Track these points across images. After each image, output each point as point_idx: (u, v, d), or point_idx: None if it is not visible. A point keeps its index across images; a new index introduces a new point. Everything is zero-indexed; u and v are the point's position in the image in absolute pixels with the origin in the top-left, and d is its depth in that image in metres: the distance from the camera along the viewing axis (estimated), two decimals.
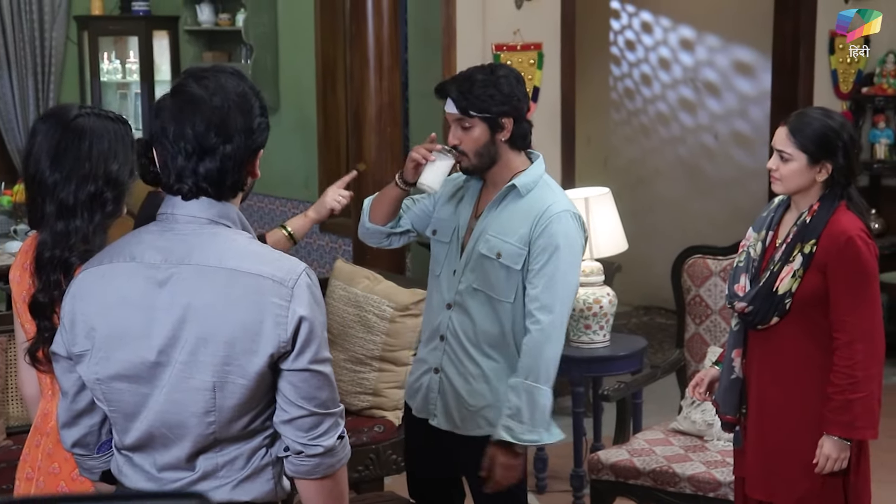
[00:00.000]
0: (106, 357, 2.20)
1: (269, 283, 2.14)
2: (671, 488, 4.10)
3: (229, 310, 2.13)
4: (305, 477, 2.24)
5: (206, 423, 2.18)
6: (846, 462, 3.26)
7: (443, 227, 3.46)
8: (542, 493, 5.23)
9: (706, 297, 4.57)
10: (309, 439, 2.19)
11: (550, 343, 3.26)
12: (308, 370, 2.17)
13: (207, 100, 2.17)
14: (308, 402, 2.18)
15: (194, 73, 2.24)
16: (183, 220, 2.20)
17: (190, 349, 2.15)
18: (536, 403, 3.26)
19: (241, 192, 2.26)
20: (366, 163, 5.48)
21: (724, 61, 8.22)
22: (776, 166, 3.31)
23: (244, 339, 2.13)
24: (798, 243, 3.28)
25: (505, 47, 6.06)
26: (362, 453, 4.42)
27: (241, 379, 2.15)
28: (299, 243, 7.53)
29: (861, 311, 3.24)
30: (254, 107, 2.22)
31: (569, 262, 3.27)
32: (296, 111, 7.58)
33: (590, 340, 4.99)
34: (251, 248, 2.21)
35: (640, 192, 8.67)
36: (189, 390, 2.16)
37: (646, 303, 8.58)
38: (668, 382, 4.83)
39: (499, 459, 3.29)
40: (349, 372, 4.55)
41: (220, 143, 2.17)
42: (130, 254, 2.22)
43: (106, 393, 2.23)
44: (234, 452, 2.22)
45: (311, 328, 2.16)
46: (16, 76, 8.18)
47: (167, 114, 2.20)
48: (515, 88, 3.28)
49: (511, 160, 3.34)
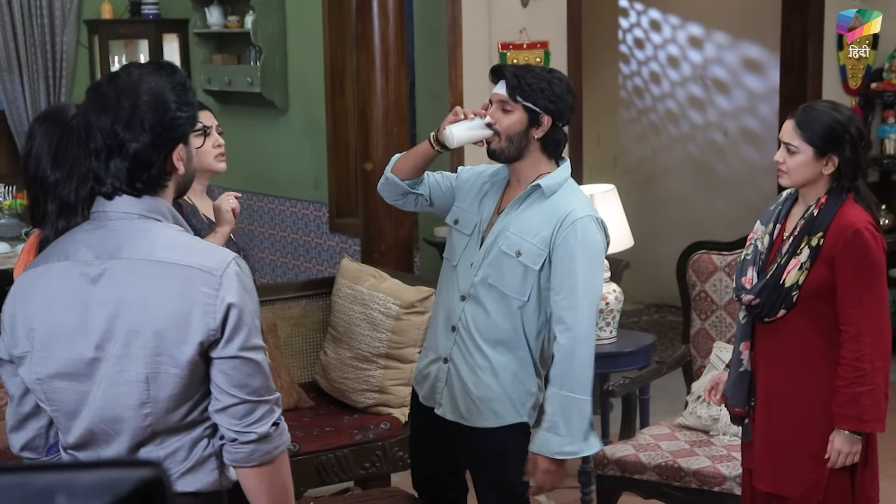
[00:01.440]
0: (45, 357, 2.24)
1: (198, 273, 2.18)
2: (676, 483, 4.11)
3: (159, 301, 2.17)
4: (242, 465, 2.26)
5: (143, 415, 2.21)
6: (858, 456, 3.26)
7: (465, 218, 3.47)
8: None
9: (711, 293, 4.57)
10: (243, 427, 2.22)
11: (581, 347, 3.28)
12: (238, 357, 2.20)
13: (114, 99, 2.20)
14: (240, 389, 2.21)
15: (112, 73, 2.28)
16: (114, 216, 2.24)
17: (122, 342, 2.18)
18: (572, 415, 3.27)
19: (166, 188, 2.27)
20: (372, 162, 5.50)
21: (733, 58, 8.22)
22: (783, 159, 3.30)
23: (174, 328, 2.17)
24: (805, 236, 3.28)
25: (511, 46, 6.07)
26: (368, 450, 4.44)
27: (174, 368, 2.18)
28: (309, 243, 7.60)
29: (868, 304, 3.23)
30: (168, 102, 2.22)
31: (591, 266, 3.29)
32: (305, 112, 7.61)
33: (596, 337, 4.98)
34: (181, 240, 2.24)
35: (649, 189, 8.68)
36: (123, 383, 2.20)
37: (657, 300, 8.58)
38: (677, 380, 4.83)
39: (540, 466, 3.33)
40: (355, 369, 4.57)
41: (127, 144, 2.19)
42: (65, 253, 2.26)
43: (47, 392, 2.26)
44: (174, 444, 2.25)
45: (240, 315, 2.19)
46: (27, 80, 8.24)
47: (80, 117, 2.24)
48: (565, 94, 3.33)
49: (539, 161, 3.36)
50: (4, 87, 8.24)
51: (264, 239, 8.03)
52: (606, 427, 5.25)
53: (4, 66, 8.20)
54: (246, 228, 8.10)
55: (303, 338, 4.92)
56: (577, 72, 6.30)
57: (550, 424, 3.28)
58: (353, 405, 4.60)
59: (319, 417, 4.56)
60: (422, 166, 3.49)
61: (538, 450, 3.31)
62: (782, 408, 3.37)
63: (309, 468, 4.31)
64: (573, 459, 3.62)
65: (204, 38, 8.23)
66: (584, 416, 3.29)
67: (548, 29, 6.20)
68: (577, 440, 3.29)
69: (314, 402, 4.70)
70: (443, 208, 3.56)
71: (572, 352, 3.26)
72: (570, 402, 3.26)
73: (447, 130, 3.33)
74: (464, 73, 6.02)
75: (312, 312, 4.92)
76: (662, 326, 8.05)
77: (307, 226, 7.66)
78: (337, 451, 4.38)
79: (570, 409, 3.26)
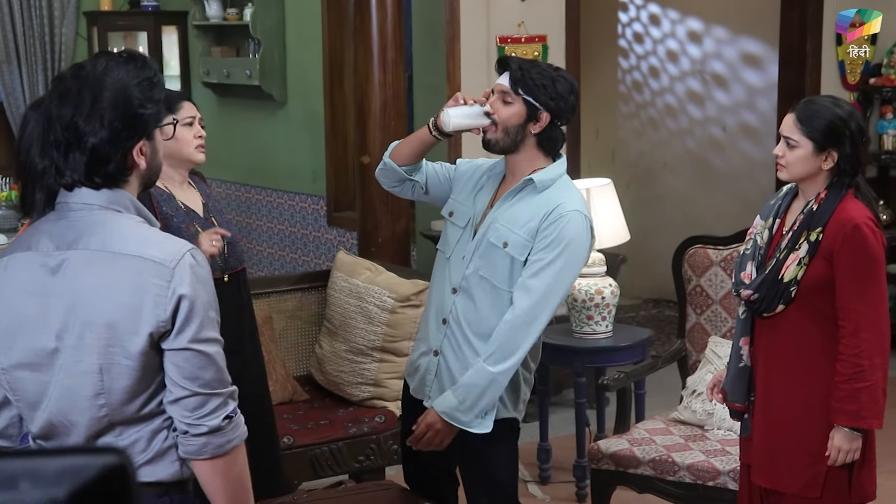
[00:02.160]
0: (9, 346, 2.24)
1: (151, 265, 2.18)
2: (670, 477, 4.11)
3: (111, 292, 2.17)
4: (195, 457, 2.26)
5: (97, 405, 2.21)
6: (858, 453, 3.26)
7: (460, 211, 3.48)
8: (545, 483, 5.24)
9: (707, 287, 4.57)
10: (194, 419, 2.22)
11: (518, 331, 3.27)
12: (189, 349, 2.20)
13: (76, 93, 2.20)
14: (191, 381, 2.21)
15: (78, 65, 2.27)
16: (76, 207, 2.24)
17: (78, 333, 2.19)
18: (478, 387, 3.28)
19: (128, 182, 2.26)
20: (370, 156, 5.49)
21: (732, 53, 8.21)
22: (782, 153, 3.30)
23: (125, 320, 2.17)
24: (804, 231, 3.27)
25: (510, 40, 6.07)
26: (363, 443, 4.44)
27: (126, 360, 2.18)
28: (307, 236, 7.60)
29: (867, 299, 3.22)
30: (131, 99, 2.21)
31: (566, 260, 3.28)
32: (303, 105, 7.60)
33: (592, 331, 5.00)
34: (137, 231, 2.24)
35: (648, 184, 8.68)
36: (79, 374, 2.20)
37: (654, 296, 8.58)
38: (672, 374, 4.83)
39: (427, 418, 3.35)
40: (350, 363, 4.57)
41: (86, 135, 2.19)
42: (28, 243, 2.26)
43: (11, 383, 2.27)
44: (133, 436, 2.25)
45: (192, 307, 2.18)
46: (25, 72, 8.24)
47: (44, 107, 2.24)
48: (568, 94, 3.33)
49: (535, 156, 3.36)
50: (3, 78, 8.24)
51: (262, 232, 8.03)
52: (602, 421, 5.25)
53: (3, 57, 8.20)
54: (243, 221, 8.10)
55: (298, 331, 4.92)
56: (575, 66, 6.29)
57: (457, 386, 3.30)
58: (347, 398, 4.60)
59: (314, 410, 4.57)
60: (420, 152, 3.49)
61: (433, 402, 3.34)
62: (781, 403, 3.37)
63: (303, 461, 4.31)
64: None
65: (203, 30, 8.22)
66: (490, 394, 3.29)
67: (546, 23, 6.19)
68: (470, 412, 3.30)
69: (309, 395, 4.70)
70: (438, 198, 3.56)
71: (511, 333, 3.27)
72: (481, 374, 3.27)
73: (444, 113, 3.33)
74: (462, 67, 6.01)
75: (308, 305, 4.92)
76: (660, 321, 8.05)
77: (305, 219, 7.66)
78: (331, 444, 4.38)
79: (478, 381, 3.27)
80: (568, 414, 5.71)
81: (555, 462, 5.31)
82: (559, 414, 5.90)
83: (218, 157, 6.93)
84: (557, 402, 6.04)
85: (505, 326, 3.28)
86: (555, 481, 5.26)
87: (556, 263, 3.26)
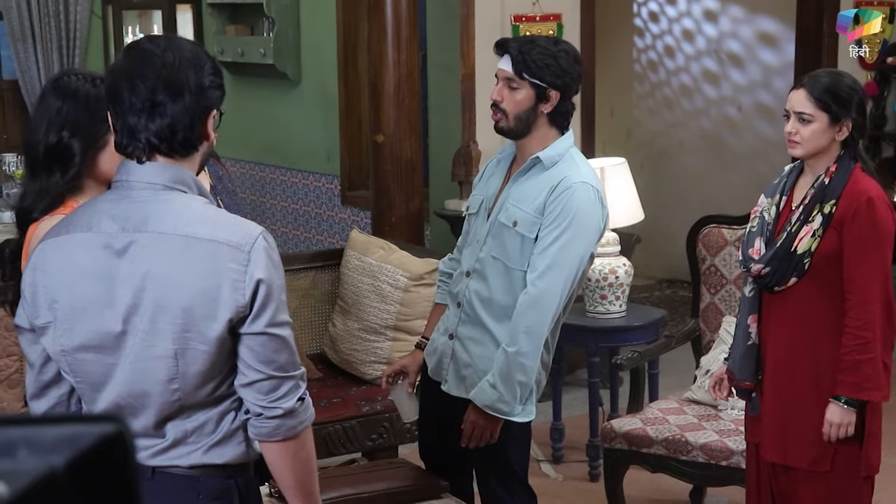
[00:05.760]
0: (70, 329, 2.21)
1: (226, 249, 2.15)
2: (683, 456, 4.11)
3: (186, 277, 2.14)
4: (267, 439, 2.25)
5: (171, 390, 2.19)
6: (852, 428, 3.25)
7: (473, 201, 3.52)
8: (558, 463, 5.24)
9: (721, 267, 4.56)
10: (268, 402, 2.21)
11: (535, 311, 3.26)
12: (265, 333, 2.18)
13: (159, 55, 2.17)
14: (266, 365, 2.19)
15: (148, 35, 2.26)
16: (138, 186, 2.19)
17: (150, 317, 2.16)
18: (512, 374, 3.27)
19: (195, 154, 2.23)
20: (384, 135, 5.48)
21: (748, 32, 8.16)
22: (795, 129, 3.29)
23: (202, 305, 2.14)
24: (818, 203, 3.27)
25: (524, 18, 6.04)
26: (376, 422, 4.44)
27: (202, 345, 2.16)
28: (321, 215, 7.60)
29: (874, 272, 3.23)
30: (205, 65, 2.20)
31: (576, 232, 3.25)
32: (317, 84, 7.59)
33: (605, 311, 4.99)
34: (207, 213, 2.21)
35: (663, 164, 8.64)
36: (151, 358, 2.18)
37: (669, 276, 8.56)
38: (686, 354, 4.82)
39: (469, 416, 3.34)
40: (363, 341, 4.57)
41: (170, 99, 2.16)
42: (87, 223, 2.21)
43: (72, 364, 2.24)
44: (202, 418, 2.23)
45: (269, 291, 2.16)
46: (41, 50, 8.24)
47: (118, 72, 2.20)
48: (572, 66, 3.30)
49: (546, 134, 3.34)
50: (18, 56, 8.25)
51: (276, 211, 8.03)
52: (615, 401, 5.25)
53: (18, 35, 8.20)
54: (258, 200, 8.10)
55: (311, 309, 4.92)
56: (590, 45, 6.26)
57: (490, 377, 3.29)
58: (360, 377, 4.61)
59: (327, 389, 4.57)
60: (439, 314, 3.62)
61: (472, 397, 3.33)
62: (791, 377, 3.37)
63: (316, 439, 4.21)
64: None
65: (217, 8, 8.21)
66: (521, 377, 3.27)
67: (561, 1, 6.16)
68: (511, 401, 3.29)
69: (322, 374, 4.71)
70: None
71: (525, 312, 3.25)
72: (511, 361, 3.25)
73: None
74: (476, 46, 5.99)
75: (321, 284, 4.92)
76: (674, 302, 8.03)
77: (319, 198, 7.66)
78: (344, 422, 4.38)
79: (510, 368, 3.26)
80: (581, 393, 5.71)
81: (568, 441, 5.31)
82: (572, 393, 5.89)
83: (232, 136, 6.93)
84: (571, 381, 6.04)
85: (520, 307, 3.27)
86: (568, 461, 5.26)
87: (563, 237, 3.25)
